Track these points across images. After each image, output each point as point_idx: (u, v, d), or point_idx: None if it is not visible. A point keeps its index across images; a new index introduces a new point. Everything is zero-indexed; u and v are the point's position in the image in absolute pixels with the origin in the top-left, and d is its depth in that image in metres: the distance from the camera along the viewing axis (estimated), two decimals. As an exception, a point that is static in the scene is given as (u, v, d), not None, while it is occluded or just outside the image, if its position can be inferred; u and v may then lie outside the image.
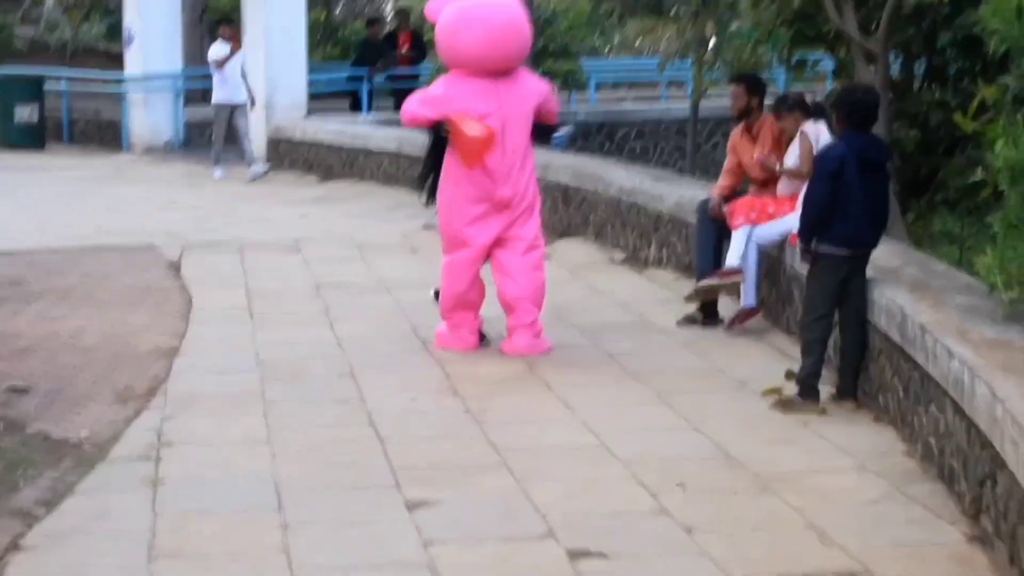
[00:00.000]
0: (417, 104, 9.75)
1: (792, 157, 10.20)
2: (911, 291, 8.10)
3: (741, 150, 10.86)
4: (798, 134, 10.09)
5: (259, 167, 20.03)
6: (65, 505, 6.79)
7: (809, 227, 8.39)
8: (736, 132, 10.97)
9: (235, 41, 20.12)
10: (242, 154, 20.32)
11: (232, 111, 20.21)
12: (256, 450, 7.63)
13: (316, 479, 7.16)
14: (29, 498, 6.88)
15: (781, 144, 10.63)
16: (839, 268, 8.31)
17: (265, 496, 6.91)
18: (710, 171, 23.72)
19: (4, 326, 10.53)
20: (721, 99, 26.02)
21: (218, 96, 20.22)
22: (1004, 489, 5.87)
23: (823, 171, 8.32)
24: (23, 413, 8.29)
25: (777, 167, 10.34)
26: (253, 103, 20.60)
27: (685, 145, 25.52)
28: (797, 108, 10.15)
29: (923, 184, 15.49)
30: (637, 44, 35.31)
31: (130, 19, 24.18)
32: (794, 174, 10.13)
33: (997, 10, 6.92)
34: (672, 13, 27.09)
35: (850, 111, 8.46)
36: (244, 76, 20.25)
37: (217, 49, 20.17)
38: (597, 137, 25.01)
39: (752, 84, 10.84)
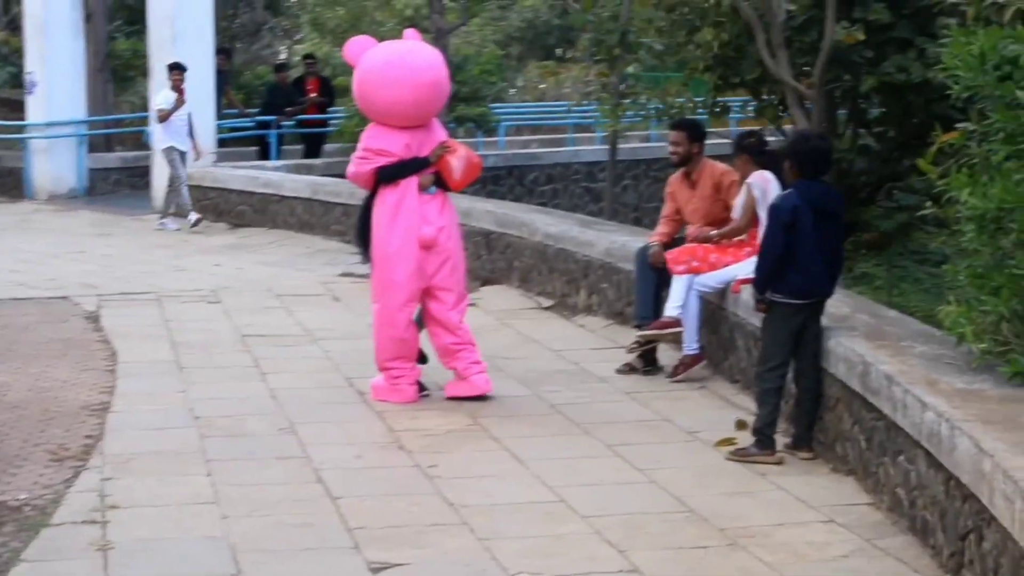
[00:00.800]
0: (359, 163, 9.67)
1: (737, 209, 10.14)
2: (868, 339, 8.03)
3: (681, 197, 10.77)
4: (744, 185, 10.01)
5: (193, 217, 19.48)
6: (13, 574, 6.49)
7: (764, 278, 8.29)
8: (675, 178, 10.89)
9: (180, 91, 19.50)
10: (171, 203, 19.73)
11: (182, 156, 19.69)
12: (205, 511, 7.38)
13: (272, 541, 6.93)
14: (-28, 567, 6.59)
15: (720, 190, 10.57)
16: (794, 317, 8.22)
17: (221, 560, 6.67)
18: (620, 215, 23.78)
19: (-76, 383, 10.19)
20: (629, 143, 26.15)
21: (165, 141, 19.62)
22: (993, 544, 5.76)
23: (777, 222, 8.20)
24: (-45, 475, 7.98)
25: (712, 234, 10.30)
26: (198, 156, 20.18)
27: (595, 188, 25.55)
28: (745, 153, 10.07)
29: (848, 229, 15.53)
30: (542, 87, 35.36)
31: (32, 65, 23.73)
32: (728, 233, 10.13)
33: (959, 55, 6.86)
34: (577, 56, 27.17)
35: (803, 159, 8.32)
36: (191, 126, 19.76)
37: (163, 98, 19.63)
38: (507, 180, 24.90)
39: (693, 131, 10.77)
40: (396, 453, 8.53)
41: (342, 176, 20.76)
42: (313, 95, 24.28)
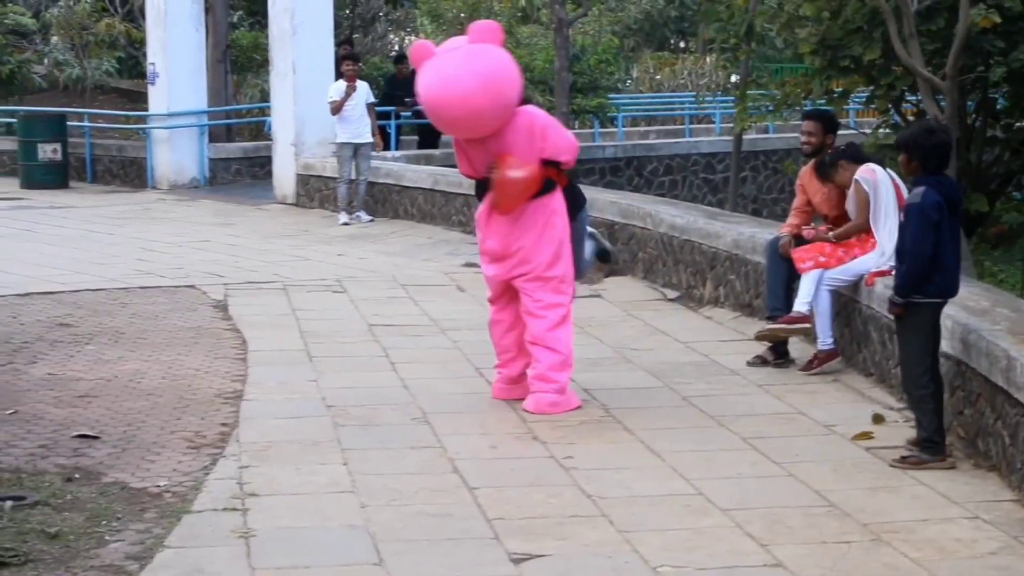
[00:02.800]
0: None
1: (851, 207, 10.05)
2: (1011, 333, 7.88)
3: (811, 188, 10.66)
4: (853, 183, 9.91)
5: (364, 216, 19.42)
6: (157, 560, 6.55)
7: (913, 282, 7.93)
8: (806, 170, 10.77)
9: (351, 80, 19.26)
10: (353, 196, 19.51)
11: (355, 150, 19.39)
12: (344, 500, 7.41)
13: (411, 530, 6.94)
14: (118, 552, 6.65)
15: (849, 183, 10.44)
16: (935, 317, 8.04)
17: (362, 549, 6.68)
18: (739, 206, 23.64)
19: (62, 370, 10.31)
20: (748, 134, 25.97)
21: (341, 135, 19.33)
22: None
23: (927, 222, 7.85)
24: (96, 462, 8.07)
25: (831, 235, 10.22)
26: (378, 146, 19.97)
27: (713, 179, 25.44)
28: (841, 159, 10.00)
29: (973, 221, 15.32)
30: (657, 78, 35.22)
31: (154, 57, 24.01)
32: (848, 233, 10.04)
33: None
34: (692, 47, 27.04)
35: (929, 154, 8.00)
36: (369, 114, 19.43)
37: (334, 89, 19.35)
38: (626, 171, 24.84)
39: (828, 121, 10.65)
40: (531, 444, 8.51)
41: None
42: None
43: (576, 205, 9.57)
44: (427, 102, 9.18)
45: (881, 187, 9.98)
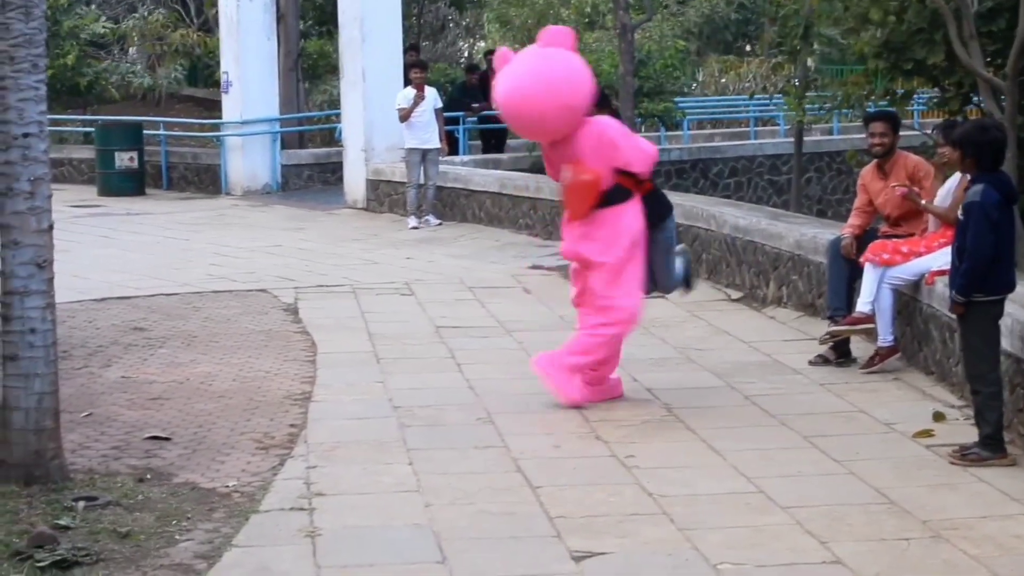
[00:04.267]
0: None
1: (943, 196, 10.00)
2: (1070, 330, 7.91)
3: (873, 188, 10.69)
4: (958, 176, 9.86)
5: (432, 220, 19.52)
6: (226, 559, 6.70)
7: (976, 282, 7.94)
8: (867, 170, 10.82)
9: (419, 87, 19.42)
10: (422, 200, 19.63)
11: (424, 156, 19.51)
12: (409, 499, 7.54)
13: (474, 529, 7.06)
14: (188, 551, 6.81)
15: (914, 182, 10.47)
16: (998, 313, 8.07)
17: (427, 548, 6.80)
18: (804, 207, 23.62)
19: (135, 373, 10.53)
20: (812, 136, 25.96)
21: (410, 141, 19.47)
22: None
23: (988, 222, 7.88)
24: (167, 463, 8.25)
25: (923, 202, 10.15)
26: (444, 151, 20.15)
27: (778, 181, 25.42)
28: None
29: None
30: (722, 81, 35.20)
31: (227, 65, 24.30)
32: (939, 215, 9.97)
33: None
34: (760, 50, 27.05)
35: (984, 151, 8.04)
36: (437, 119, 19.56)
37: (402, 96, 19.52)
38: (691, 174, 24.90)
39: (896, 122, 10.68)
40: (593, 443, 8.61)
41: (527, 171, 21.22)
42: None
43: (659, 213, 9.68)
44: (499, 105, 9.59)
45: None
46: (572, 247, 9.56)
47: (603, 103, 9.79)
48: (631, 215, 9.45)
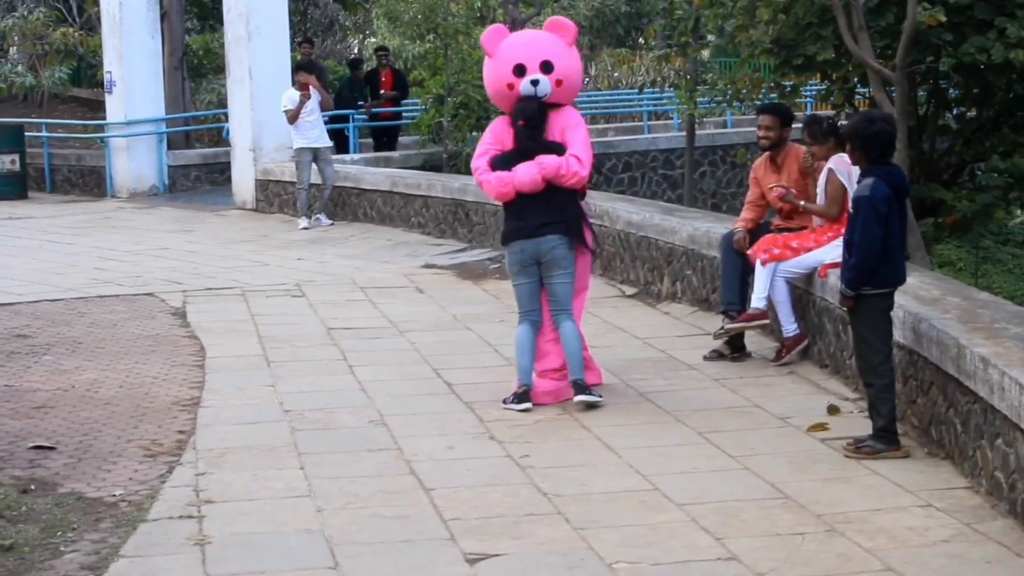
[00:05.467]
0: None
1: (820, 191, 10.05)
2: (961, 322, 7.94)
3: (765, 181, 10.70)
4: (825, 170, 9.92)
5: (324, 220, 19.33)
6: (113, 570, 6.54)
7: (864, 275, 7.92)
8: (760, 163, 10.82)
9: (304, 88, 19.17)
10: (315, 200, 19.42)
11: (315, 155, 19.31)
12: (300, 504, 7.41)
13: (367, 533, 6.95)
14: (73, 563, 6.64)
15: (806, 174, 10.49)
16: (888, 306, 8.07)
17: (318, 554, 6.68)
18: (698, 201, 23.72)
19: (19, 381, 10.29)
20: (706, 129, 26.05)
21: (298, 141, 19.24)
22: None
23: (876, 215, 7.84)
24: (52, 472, 8.05)
25: (800, 203, 10.20)
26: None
27: (672, 176, 25.48)
28: (832, 136, 9.98)
29: (928, 210, 15.41)
30: (615, 75, 35.25)
31: (110, 65, 23.94)
32: (818, 213, 10.04)
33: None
34: (649, 43, 27.09)
35: (871, 143, 7.98)
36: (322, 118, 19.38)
37: (287, 98, 19.27)
38: (585, 170, 24.82)
39: (784, 115, 10.69)
40: (488, 444, 8.53)
41: (419, 168, 21.10)
42: (387, 88, 24.33)
43: None
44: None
45: (853, 178, 10.00)
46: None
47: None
48: None
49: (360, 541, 6.84)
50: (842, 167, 9.78)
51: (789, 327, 10.21)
